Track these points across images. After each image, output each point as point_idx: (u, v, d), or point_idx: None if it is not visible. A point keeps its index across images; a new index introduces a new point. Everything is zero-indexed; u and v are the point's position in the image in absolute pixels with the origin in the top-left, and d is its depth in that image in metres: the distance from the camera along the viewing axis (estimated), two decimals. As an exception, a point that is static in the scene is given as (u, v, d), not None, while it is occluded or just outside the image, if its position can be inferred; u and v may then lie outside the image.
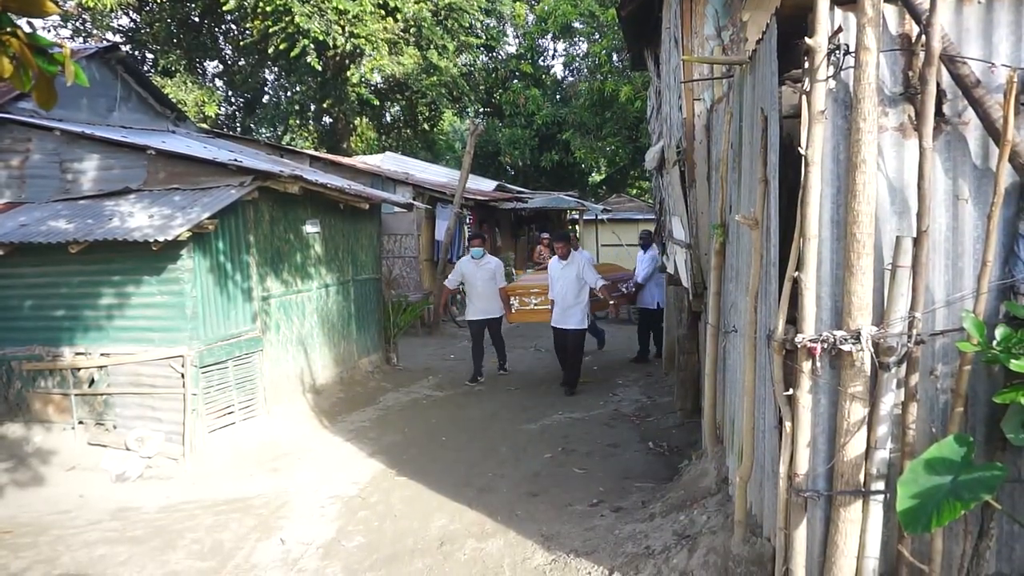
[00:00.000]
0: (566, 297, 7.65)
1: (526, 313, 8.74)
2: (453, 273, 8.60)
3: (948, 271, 2.39)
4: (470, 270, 8.38)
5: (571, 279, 7.59)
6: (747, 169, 3.21)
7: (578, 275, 7.60)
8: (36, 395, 6.11)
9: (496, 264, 8.48)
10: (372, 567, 3.96)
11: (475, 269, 8.35)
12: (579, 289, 7.63)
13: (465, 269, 8.42)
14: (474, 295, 8.39)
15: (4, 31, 1.85)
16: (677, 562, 3.28)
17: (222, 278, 6.08)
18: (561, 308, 7.68)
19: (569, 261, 7.65)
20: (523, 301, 8.65)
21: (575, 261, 7.68)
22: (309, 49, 16.29)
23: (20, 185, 6.72)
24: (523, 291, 8.73)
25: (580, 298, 7.67)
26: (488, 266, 8.36)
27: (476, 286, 8.34)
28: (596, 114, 20.77)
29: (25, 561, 4.12)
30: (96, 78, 8.10)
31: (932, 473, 1.98)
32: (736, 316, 3.54)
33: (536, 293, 8.55)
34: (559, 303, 7.72)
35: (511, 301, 8.58)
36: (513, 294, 8.66)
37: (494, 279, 8.34)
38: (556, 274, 7.79)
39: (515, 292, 8.69)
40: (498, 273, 8.40)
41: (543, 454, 5.73)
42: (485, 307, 8.36)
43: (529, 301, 8.61)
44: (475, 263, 8.35)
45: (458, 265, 8.56)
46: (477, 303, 8.40)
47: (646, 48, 7.73)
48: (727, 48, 4.67)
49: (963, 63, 2.27)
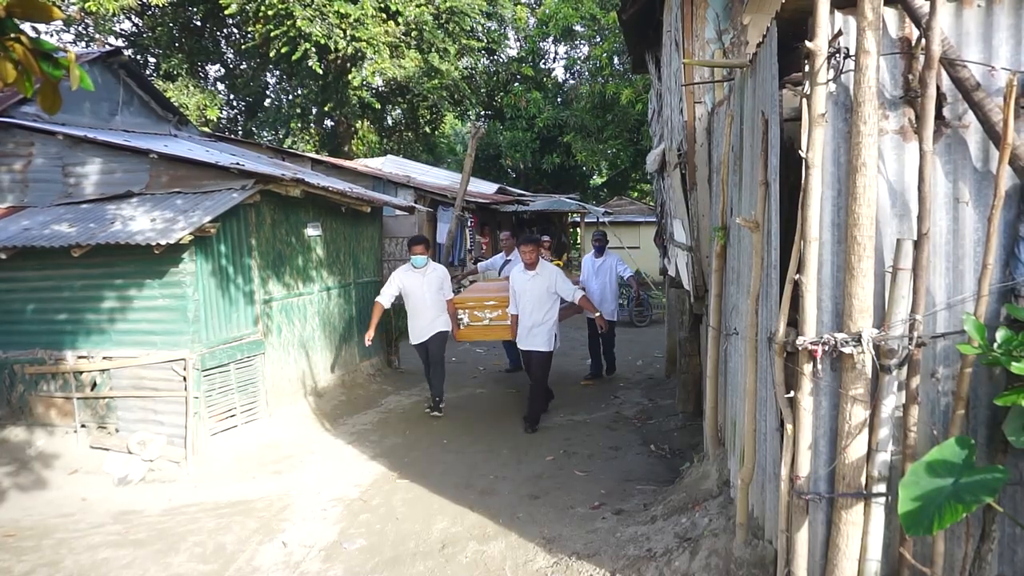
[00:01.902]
0: (532, 313, 6.48)
1: (478, 330, 7.34)
2: (388, 286, 7.10)
3: (949, 274, 2.40)
4: (411, 282, 6.95)
5: (539, 293, 6.44)
6: (748, 172, 3.21)
7: (548, 288, 6.46)
8: (39, 398, 6.12)
9: (443, 273, 7.13)
10: (374, 570, 3.96)
11: (418, 280, 6.94)
12: (549, 305, 6.50)
13: (405, 281, 6.97)
14: (417, 313, 7.00)
15: (8, 36, 1.86)
16: (679, 565, 3.28)
17: (224, 281, 6.09)
18: (526, 326, 6.54)
19: (538, 271, 6.46)
20: (475, 316, 7.24)
21: (545, 272, 6.50)
22: (311, 53, 16.35)
23: (23, 189, 6.73)
24: (476, 303, 7.29)
25: (549, 315, 6.50)
26: (434, 275, 7.00)
27: (419, 301, 6.96)
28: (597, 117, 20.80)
29: (28, 564, 4.12)
30: (99, 82, 8.12)
31: (933, 475, 1.98)
32: (737, 318, 3.55)
33: (492, 306, 7.17)
34: (524, 320, 6.56)
35: (460, 316, 7.20)
36: (463, 307, 7.23)
37: (441, 291, 7.04)
38: (521, 286, 6.55)
39: (465, 305, 7.26)
40: (445, 283, 7.12)
41: (544, 456, 5.73)
42: (430, 325, 6.99)
43: (483, 315, 7.21)
44: (417, 273, 6.94)
45: (394, 277, 7.07)
46: (420, 322, 7.01)
47: (647, 51, 7.75)
48: (728, 51, 4.68)
49: (963, 66, 2.28)
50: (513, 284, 6.65)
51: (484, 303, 7.25)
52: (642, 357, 9.99)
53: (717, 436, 4.31)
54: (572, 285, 6.70)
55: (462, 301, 7.28)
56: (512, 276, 6.70)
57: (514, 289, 6.64)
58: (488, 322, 7.22)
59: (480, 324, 7.26)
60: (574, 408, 7.21)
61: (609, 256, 8.64)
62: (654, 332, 12.00)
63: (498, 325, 7.19)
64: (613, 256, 8.73)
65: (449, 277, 7.22)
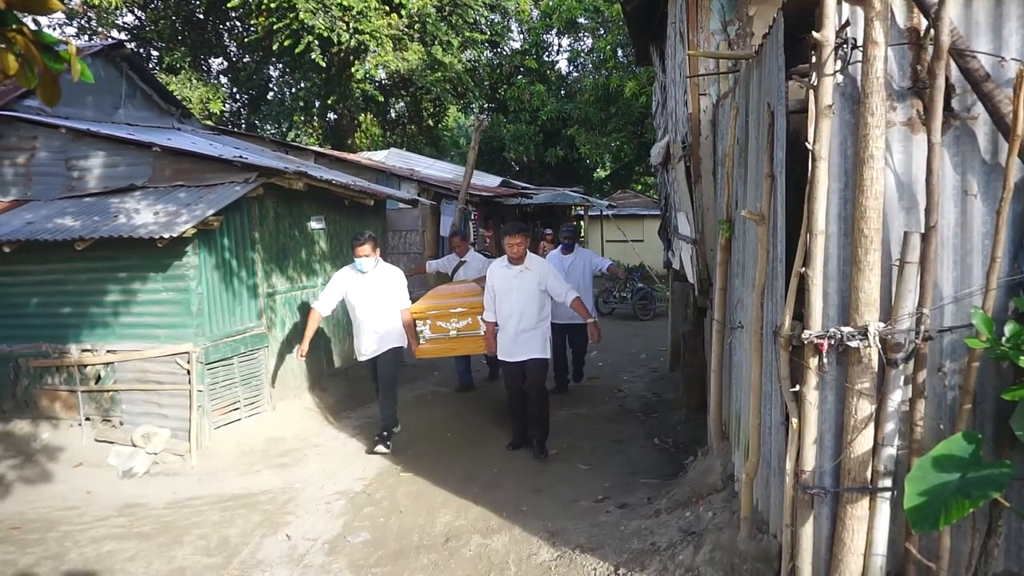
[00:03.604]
0: (522, 318, 5.43)
1: (443, 344, 6.10)
2: (328, 289, 6.03)
3: (956, 267, 2.38)
4: (355, 289, 5.89)
5: (530, 292, 5.43)
6: (753, 164, 3.19)
7: (540, 285, 5.47)
8: (43, 392, 6.14)
9: (395, 277, 5.98)
10: (378, 563, 3.97)
11: (364, 287, 5.86)
12: (541, 305, 5.51)
13: (348, 287, 5.93)
14: (363, 325, 5.90)
15: (10, 28, 1.84)
16: (683, 558, 3.28)
17: (227, 275, 6.09)
18: (512, 333, 5.47)
19: (526, 266, 5.46)
20: (437, 326, 6.00)
21: (535, 266, 5.51)
22: (313, 46, 16.30)
23: (26, 183, 6.74)
24: (439, 312, 6.03)
25: (542, 318, 5.54)
26: (384, 279, 5.90)
27: (366, 311, 5.85)
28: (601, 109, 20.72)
29: (33, 557, 4.14)
30: (101, 76, 8.11)
31: (940, 470, 1.97)
32: (742, 312, 3.53)
33: (460, 313, 5.96)
34: (509, 327, 5.48)
35: (419, 328, 6.01)
36: (422, 317, 6.00)
37: (393, 299, 5.92)
38: (504, 285, 5.47)
39: (425, 315, 6.01)
40: (398, 289, 5.97)
41: (548, 450, 5.72)
42: (380, 340, 5.89)
43: (448, 326, 5.98)
44: (363, 278, 5.86)
45: (336, 279, 6.03)
46: (367, 336, 5.90)
47: (651, 43, 7.70)
48: (733, 43, 4.64)
49: (972, 57, 2.25)
50: (493, 284, 5.54)
51: (449, 311, 6.01)
52: (646, 351, 9.98)
53: (721, 430, 4.30)
54: (564, 283, 5.70)
55: (421, 310, 6.04)
56: (492, 274, 5.58)
57: (494, 290, 5.54)
58: (455, 333, 6.00)
59: (444, 337, 6.05)
60: (577, 402, 7.21)
61: (581, 252, 7.63)
62: (658, 326, 11.98)
63: (468, 337, 6.00)
64: (585, 252, 7.82)
65: (404, 281, 6.06)
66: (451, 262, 7.94)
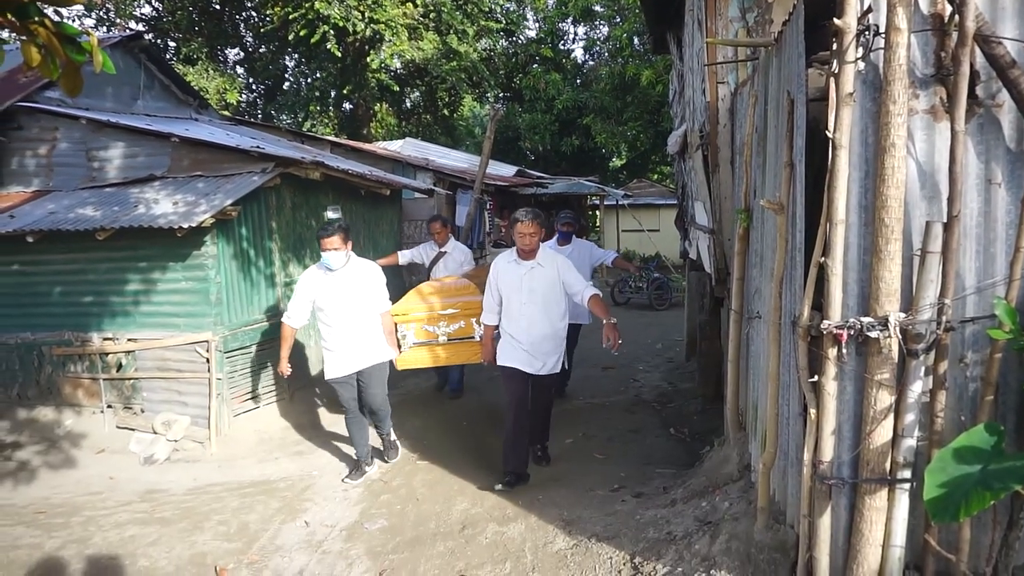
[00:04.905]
0: (535, 323, 4.57)
1: (430, 352, 5.23)
2: (296, 298, 4.98)
3: (979, 257, 2.35)
4: (326, 290, 4.88)
5: (546, 290, 4.58)
6: (772, 153, 3.16)
7: (556, 285, 4.61)
8: (66, 379, 6.24)
9: (372, 273, 5.01)
10: (395, 549, 4.01)
11: (335, 287, 4.87)
12: (558, 307, 4.67)
13: (317, 289, 4.90)
14: (337, 334, 4.90)
15: (32, 20, 1.87)
16: (699, 548, 3.28)
17: (245, 264, 6.14)
18: (526, 340, 4.58)
19: (539, 261, 4.58)
20: (424, 331, 5.18)
21: (549, 260, 4.62)
22: (329, 35, 16.32)
23: (48, 173, 6.82)
24: (425, 313, 5.19)
25: (560, 323, 4.70)
26: (359, 277, 4.91)
27: (338, 316, 4.87)
28: (617, 98, 20.60)
29: (59, 540, 4.23)
30: (120, 67, 8.18)
31: (961, 462, 1.95)
32: (760, 302, 3.51)
33: (452, 316, 5.13)
34: (520, 332, 4.60)
35: (401, 333, 5.20)
36: (406, 320, 5.19)
37: (371, 300, 4.98)
38: (513, 283, 4.61)
39: (409, 317, 5.20)
40: (376, 287, 5.00)
41: (564, 439, 5.73)
42: (357, 352, 4.92)
43: (437, 330, 5.14)
44: (333, 278, 4.88)
45: (302, 284, 4.97)
46: (344, 347, 4.91)
47: (668, 31, 7.63)
48: (752, 30, 4.59)
49: (998, 43, 2.21)
50: (498, 281, 4.69)
51: (439, 312, 5.16)
52: (662, 340, 9.95)
53: (738, 420, 4.28)
54: (582, 278, 4.77)
55: (404, 312, 5.22)
56: (497, 271, 4.73)
57: (497, 288, 4.69)
58: (445, 339, 5.11)
59: (432, 343, 5.18)
60: (593, 391, 7.21)
61: (579, 244, 6.61)
62: (674, 315, 11.93)
63: (460, 343, 5.14)
64: (585, 243, 6.87)
65: (383, 279, 5.10)
66: (428, 252, 6.93)
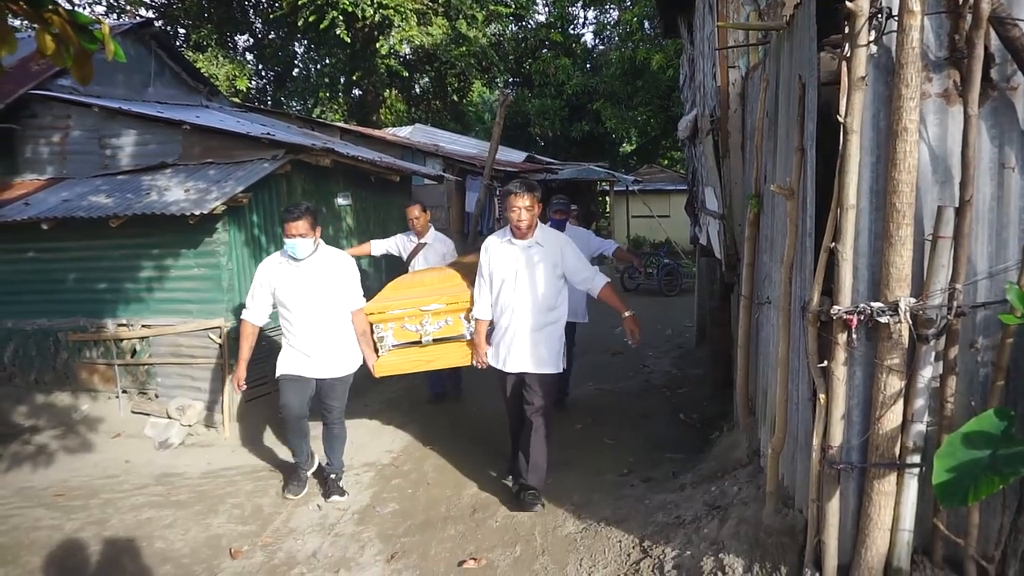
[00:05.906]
0: (529, 311, 4.00)
1: (412, 355, 4.48)
2: (254, 291, 4.41)
3: (991, 242, 2.33)
4: (289, 280, 4.28)
5: (542, 275, 4.00)
6: (783, 138, 3.14)
7: (556, 269, 4.03)
8: (82, 365, 6.32)
9: (343, 264, 4.39)
10: (406, 532, 4.06)
11: (300, 277, 4.27)
12: (556, 294, 4.07)
13: (278, 280, 4.31)
14: (300, 332, 4.33)
15: (46, 9, 1.88)
16: (708, 532, 3.30)
17: (257, 250, 6.17)
18: (520, 334, 4.04)
19: (537, 239, 4.03)
20: (404, 331, 4.44)
21: (549, 240, 4.08)
22: (338, 21, 16.28)
23: (61, 161, 6.87)
24: (405, 310, 4.43)
25: (557, 312, 4.10)
26: (327, 268, 4.30)
27: (302, 313, 4.30)
28: (627, 83, 20.45)
29: (77, 523, 4.30)
30: (131, 54, 8.20)
31: (970, 447, 1.95)
32: (770, 287, 3.50)
33: (437, 312, 4.37)
34: (515, 325, 4.04)
35: (378, 334, 4.47)
36: (383, 319, 4.45)
37: (340, 297, 4.35)
38: (506, 267, 4.03)
39: (387, 315, 4.45)
40: (348, 281, 4.37)
41: (574, 424, 5.76)
42: (322, 357, 4.35)
43: (419, 328, 4.39)
44: (297, 268, 4.26)
45: (259, 276, 4.39)
46: (303, 346, 4.33)
47: (679, 14, 7.57)
48: (763, 13, 4.54)
49: (1014, 25, 2.18)
50: (491, 266, 4.09)
51: (421, 309, 4.38)
52: (672, 326, 9.95)
53: (747, 405, 4.29)
54: (589, 264, 4.29)
55: (380, 309, 4.47)
56: (489, 252, 4.13)
57: (490, 274, 4.11)
58: (429, 340, 4.40)
59: (414, 345, 4.45)
60: (602, 377, 7.23)
61: (575, 233, 5.70)
62: (684, 301, 11.92)
63: (448, 343, 4.42)
64: (582, 231, 6.14)
65: (356, 271, 4.45)
66: (406, 243, 6.23)
